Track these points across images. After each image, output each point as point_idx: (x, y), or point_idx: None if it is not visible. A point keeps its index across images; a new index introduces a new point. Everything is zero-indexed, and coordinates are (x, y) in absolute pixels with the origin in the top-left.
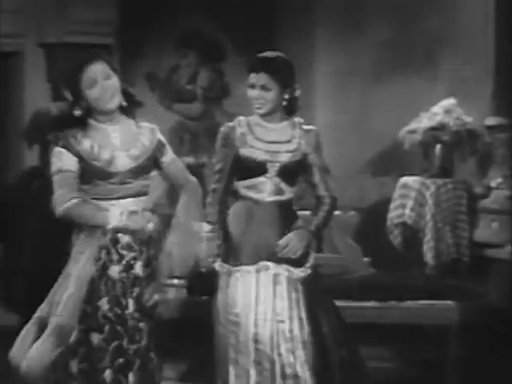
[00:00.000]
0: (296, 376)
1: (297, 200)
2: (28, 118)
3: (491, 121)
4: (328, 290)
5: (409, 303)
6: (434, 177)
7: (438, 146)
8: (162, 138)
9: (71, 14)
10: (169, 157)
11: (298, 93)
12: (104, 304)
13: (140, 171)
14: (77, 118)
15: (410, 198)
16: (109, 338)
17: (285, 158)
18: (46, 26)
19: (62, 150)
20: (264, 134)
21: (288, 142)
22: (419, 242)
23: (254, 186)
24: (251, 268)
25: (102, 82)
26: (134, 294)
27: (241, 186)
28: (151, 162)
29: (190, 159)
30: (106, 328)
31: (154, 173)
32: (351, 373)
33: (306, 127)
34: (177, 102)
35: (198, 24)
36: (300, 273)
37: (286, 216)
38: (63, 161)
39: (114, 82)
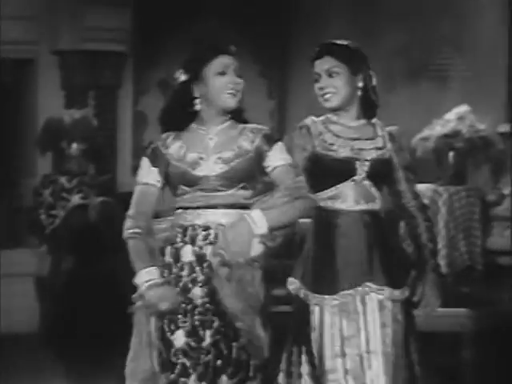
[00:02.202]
0: None
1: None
2: (41, 126)
3: (504, 128)
4: None
5: (422, 311)
6: (446, 184)
7: (451, 154)
8: (270, 140)
9: (85, 22)
10: (275, 162)
11: (374, 81)
12: (179, 337)
13: (234, 177)
14: (190, 113)
15: None
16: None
17: (374, 154)
18: (59, 33)
19: (146, 159)
20: (343, 132)
21: (372, 139)
22: None
23: (336, 195)
24: (351, 293)
25: (232, 75)
26: (215, 324)
27: (320, 198)
28: (251, 167)
29: None
30: (178, 365)
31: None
32: None
33: (387, 128)
34: None
35: (211, 31)
36: (401, 294)
37: (377, 229)
38: (145, 172)
39: (242, 82)
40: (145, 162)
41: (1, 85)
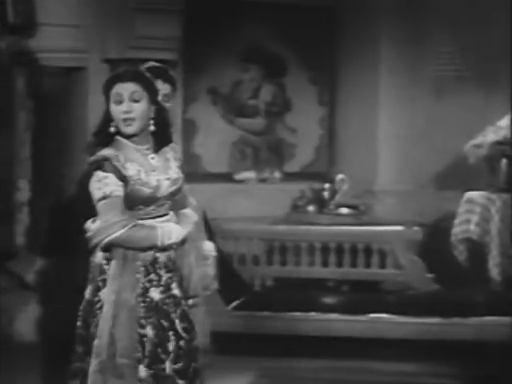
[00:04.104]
0: None
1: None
2: (91, 133)
3: None
4: (392, 305)
5: (473, 319)
6: (499, 191)
7: (504, 161)
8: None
9: (135, 30)
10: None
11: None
12: (149, 331)
13: (176, 193)
14: (111, 135)
15: (475, 213)
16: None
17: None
18: (109, 41)
19: (109, 174)
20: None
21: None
22: (484, 257)
23: None
24: None
25: (129, 103)
26: (177, 315)
27: None
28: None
29: (252, 174)
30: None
31: None
32: None
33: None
34: (239, 116)
35: (261, 38)
36: None
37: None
38: (110, 186)
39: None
40: (108, 176)
41: (51, 93)
